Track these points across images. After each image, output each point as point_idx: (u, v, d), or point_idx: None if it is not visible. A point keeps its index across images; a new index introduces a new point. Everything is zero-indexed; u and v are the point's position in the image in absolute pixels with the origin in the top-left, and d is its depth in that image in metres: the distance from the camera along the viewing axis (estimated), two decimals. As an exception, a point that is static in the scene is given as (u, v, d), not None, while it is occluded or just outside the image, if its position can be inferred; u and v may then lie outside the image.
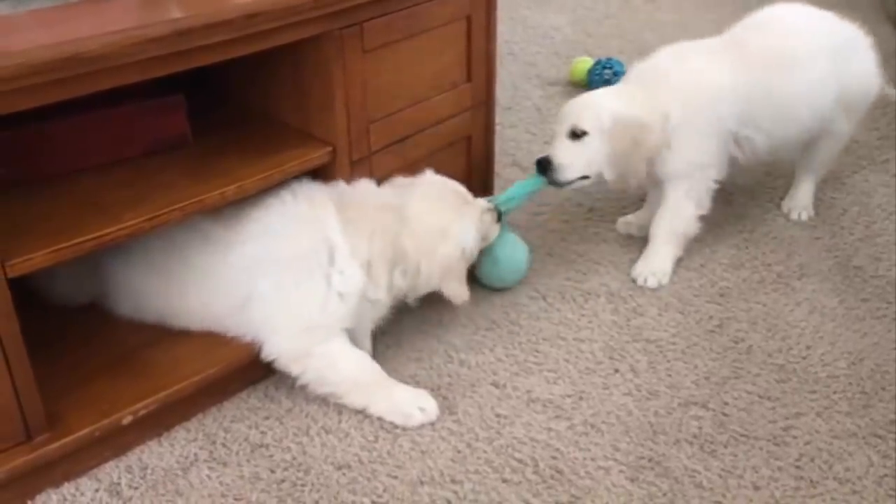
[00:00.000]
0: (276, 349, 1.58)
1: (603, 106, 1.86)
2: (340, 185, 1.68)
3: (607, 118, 1.84)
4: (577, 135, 1.86)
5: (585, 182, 1.90)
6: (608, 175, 1.88)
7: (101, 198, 1.48)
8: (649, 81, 1.92)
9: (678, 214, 1.97)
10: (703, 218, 2.00)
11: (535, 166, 1.91)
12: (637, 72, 1.98)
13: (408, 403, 1.59)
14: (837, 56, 2.00)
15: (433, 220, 1.66)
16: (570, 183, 1.89)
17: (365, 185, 1.70)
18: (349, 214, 1.61)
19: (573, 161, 1.86)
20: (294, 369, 1.59)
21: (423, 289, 1.69)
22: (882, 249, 2.06)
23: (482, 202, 1.79)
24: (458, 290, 1.70)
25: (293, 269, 1.57)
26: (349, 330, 1.62)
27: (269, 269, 1.57)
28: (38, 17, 1.39)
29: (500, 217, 1.81)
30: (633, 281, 1.97)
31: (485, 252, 1.82)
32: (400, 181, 1.73)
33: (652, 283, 1.95)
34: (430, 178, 1.75)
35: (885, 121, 2.59)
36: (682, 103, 1.87)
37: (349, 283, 1.58)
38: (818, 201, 2.21)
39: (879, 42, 2.16)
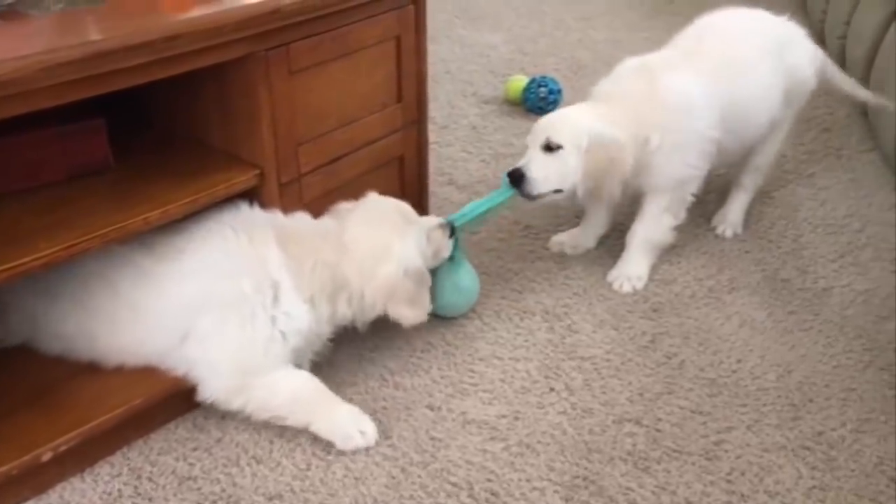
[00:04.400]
0: (214, 390, 1.55)
1: (580, 123, 1.86)
2: (279, 216, 1.64)
3: (584, 135, 1.83)
4: (551, 148, 1.85)
5: (558, 196, 1.90)
6: (581, 191, 1.88)
7: (15, 226, 1.43)
8: (624, 100, 1.91)
9: (656, 226, 2.00)
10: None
11: (505, 178, 1.89)
12: (606, 91, 1.96)
13: (348, 424, 1.57)
14: (778, 53, 2.05)
15: (372, 242, 1.63)
16: (541, 196, 1.88)
17: (303, 216, 1.67)
18: (290, 249, 1.57)
19: (547, 174, 1.86)
20: (234, 404, 1.56)
21: (371, 314, 1.66)
22: (808, 262, 2.10)
23: (430, 219, 1.76)
24: (406, 313, 1.65)
25: (236, 310, 1.52)
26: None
27: (210, 308, 1.52)
28: (-55, 40, 1.34)
29: (453, 232, 1.78)
30: (610, 285, 2.00)
31: (447, 281, 1.80)
32: (342, 207, 1.71)
33: (627, 288, 1.99)
34: (371, 199, 1.72)
35: (810, 135, 2.66)
36: (662, 122, 1.88)
37: (295, 323, 1.56)
38: (747, 215, 2.25)
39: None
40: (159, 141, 1.74)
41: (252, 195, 1.65)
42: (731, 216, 2.22)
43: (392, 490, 1.49)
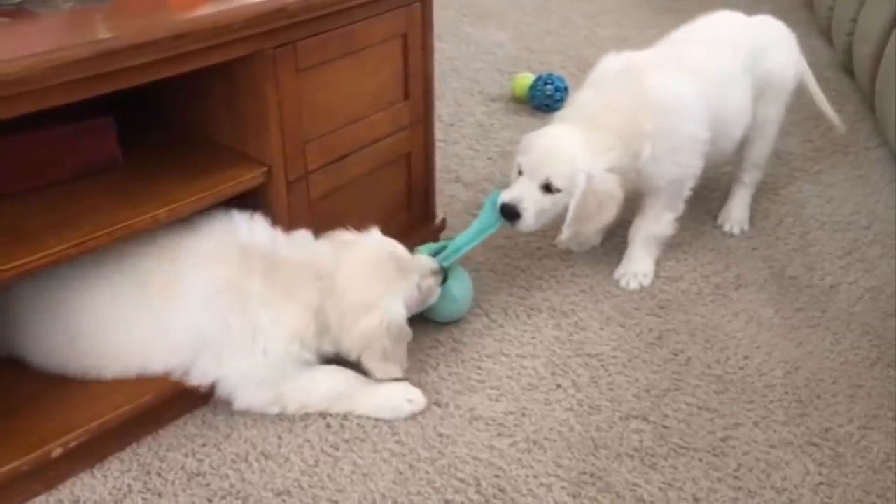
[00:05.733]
0: (248, 403, 1.58)
1: (580, 165, 1.80)
2: (276, 238, 1.62)
3: (582, 179, 1.80)
4: (549, 189, 1.83)
5: None
6: (566, 231, 1.86)
7: (24, 224, 1.44)
8: (611, 114, 1.85)
9: (658, 222, 2.01)
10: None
11: (489, 204, 1.87)
12: (591, 104, 1.90)
13: (393, 398, 1.62)
14: (751, 60, 2.05)
15: (359, 292, 1.59)
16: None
17: (301, 240, 1.65)
18: (277, 281, 1.56)
19: (541, 213, 1.84)
20: (273, 410, 1.60)
21: (349, 357, 1.64)
22: (815, 259, 2.10)
23: (423, 263, 1.71)
24: (379, 367, 1.62)
25: (228, 346, 1.54)
26: None
27: (206, 345, 1.54)
28: (-44, 40, 1.35)
29: (445, 279, 1.76)
30: (616, 282, 2.00)
31: (442, 292, 1.78)
32: (341, 237, 1.68)
33: (634, 284, 1.99)
34: (370, 239, 1.68)
35: (817, 132, 2.66)
36: (654, 128, 1.85)
37: (275, 356, 1.55)
38: (754, 211, 2.25)
39: (811, 54, 2.22)
40: (167, 139, 1.74)
41: (259, 193, 1.66)
42: (735, 213, 2.22)
43: (399, 486, 1.49)
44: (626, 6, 3.78)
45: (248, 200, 1.64)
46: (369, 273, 1.62)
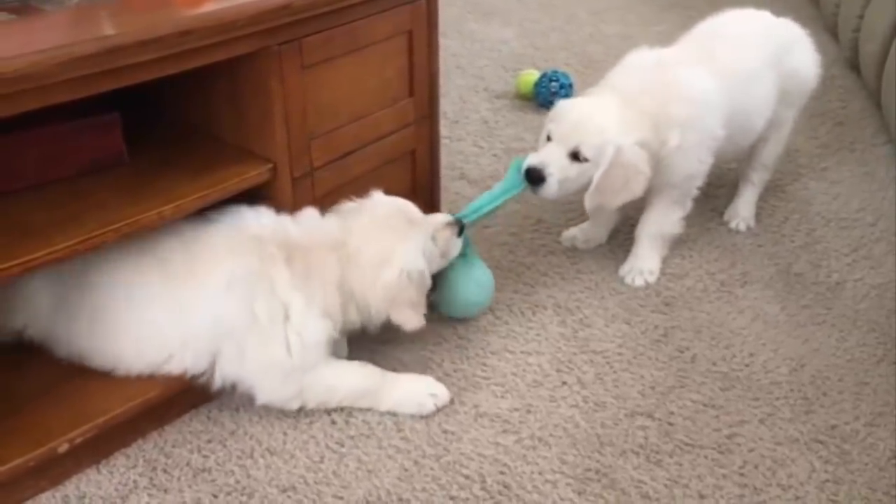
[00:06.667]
0: (268, 398, 1.57)
1: (610, 135, 1.79)
2: (284, 223, 1.61)
3: (611, 150, 1.79)
4: (577, 157, 1.82)
5: None
6: (588, 202, 1.85)
7: (30, 220, 1.44)
8: (643, 97, 1.86)
9: (665, 219, 2.00)
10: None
11: (513, 167, 1.86)
12: (623, 86, 1.90)
13: (417, 394, 1.63)
14: (779, 59, 2.05)
15: (373, 249, 1.60)
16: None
17: (309, 219, 1.64)
18: (296, 265, 1.55)
19: (566, 180, 1.83)
20: (293, 406, 1.59)
21: (378, 320, 1.65)
22: (821, 256, 2.10)
23: (437, 218, 1.72)
24: (407, 316, 1.62)
25: (252, 335, 1.52)
26: None
27: (229, 335, 1.53)
28: (-38, 36, 1.35)
29: (461, 230, 1.75)
30: (622, 279, 2.00)
31: (467, 279, 1.78)
32: (346, 207, 1.69)
33: (639, 281, 1.99)
34: (374, 201, 1.69)
35: (824, 129, 2.65)
36: (686, 117, 1.85)
37: (311, 336, 1.55)
38: (760, 209, 2.25)
39: (818, 51, 2.20)
40: (173, 136, 1.75)
41: (264, 189, 1.66)
42: (743, 210, 2.22)
43: (405, 482, 1.49)
44: (632, 3, 3.78)
45: (253, 198, 1.65)
46: (380, 229, 1.62)
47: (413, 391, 1.64)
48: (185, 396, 1.60)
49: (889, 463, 1.54)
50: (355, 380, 1.62)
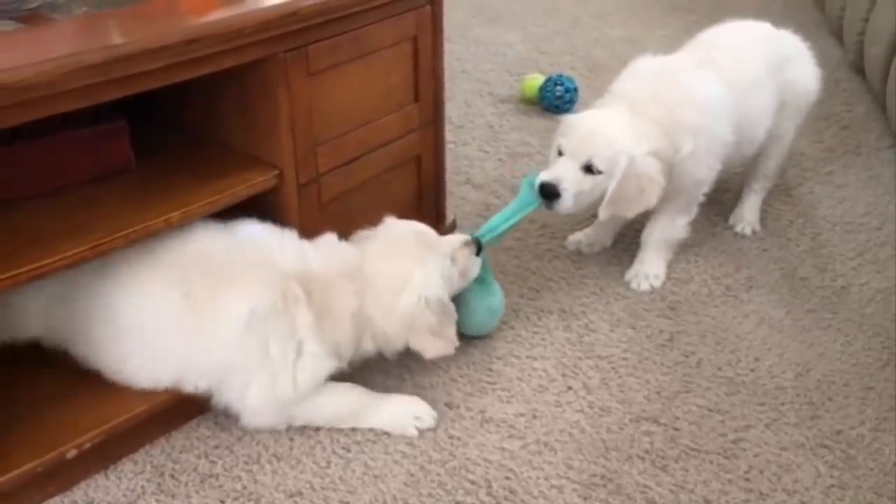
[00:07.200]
0: (257, 423, 1.58)
1: (623, 147, 1.79)
2: (307, 252, 1.59)
3: (624, 161, 1.78)
4: (590, 170, 1.82)
5: None
6: (602, 213, 1.85)
7: (39, 227, 1.45)
8: (654, 105, 1.86)
9: (671, 224, 2.01)
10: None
11: (525, 184, 1.85)
12: (633, 94, 1.90)
13: (399, 417, 1.61)
14: (779, 70, 2.06)
15: (389, 274, 1.58)
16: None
17: (328, 246, 1.63)
18: (315, 300, 1.53)
19: (582, 198, 1.82)
20: (279, 427, 1.60)
21: (396, 347, 1.63)
22: (827, 260, 2.10)
23: (454, 238, 1.69)
24: (427, 343, 1.60)
25: (261, 371, 1.52)
26: None
27: (238, 369, 1.52)
28: (-30, 45, 1.36)
29: (479, 249, 1.73)
30: (627, 284, 2.00)
31: (480, 305, 1.78)
32: (362, 234, 1.68)
33: (644, 286, 1.99)
34: (387, 226, 1.67)
35: (829, 133, 2.65)
36: (698, 124, 1.86)
37: (318, 373, 1.55)
38: (765, 213, 2.25)
39: (822, 54, 2.22)
40: (180, 142, 1.76)
41: (270, 195, 1.67)
42: (747, 214, 2.22)
43: (411, 487, 1.50)
44: (635, 6, 3.78)
45: (259, 203, 1.65)
46: (394, 253, 1.61)
47: (397, 414, 1.61)
48: (191, 402, 1.60)
49: (895, 468, 1.54)
50: (342, 402, 1.61)
